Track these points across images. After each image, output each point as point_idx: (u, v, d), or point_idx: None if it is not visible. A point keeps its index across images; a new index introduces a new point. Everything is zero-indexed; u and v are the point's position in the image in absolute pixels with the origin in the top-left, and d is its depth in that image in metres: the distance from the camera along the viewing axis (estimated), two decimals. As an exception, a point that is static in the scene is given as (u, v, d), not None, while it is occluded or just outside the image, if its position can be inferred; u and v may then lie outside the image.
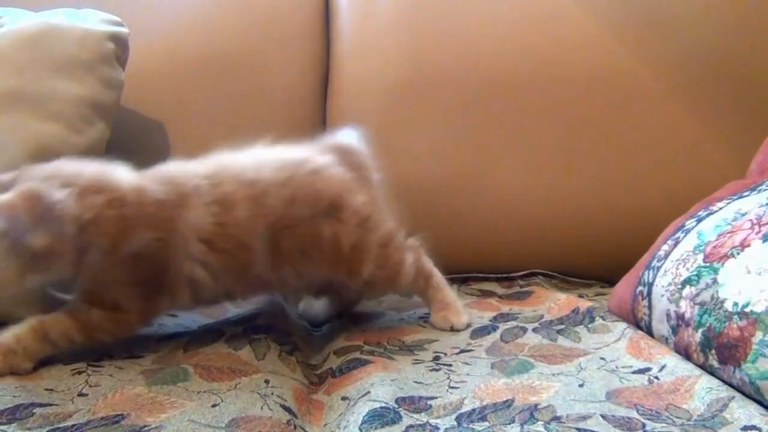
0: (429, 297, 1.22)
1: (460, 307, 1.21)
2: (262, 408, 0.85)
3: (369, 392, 0.90)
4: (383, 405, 0.86)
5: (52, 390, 0.91)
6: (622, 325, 1.12)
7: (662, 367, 0.96)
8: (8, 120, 1.20)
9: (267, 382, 0.93)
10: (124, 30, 1.37)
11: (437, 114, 1.50)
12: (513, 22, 1.54)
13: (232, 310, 1.27)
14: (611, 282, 1.30)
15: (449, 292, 1.22)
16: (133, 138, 1.47)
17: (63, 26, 1.30)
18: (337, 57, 1.60)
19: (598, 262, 1.45)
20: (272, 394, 0.89)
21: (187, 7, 1.58)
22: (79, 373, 0.96)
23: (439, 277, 1.22)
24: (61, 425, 0.81)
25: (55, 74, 1.26)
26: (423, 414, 0.86)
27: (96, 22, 1.34)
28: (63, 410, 0.84)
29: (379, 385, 0.92)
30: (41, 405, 0.86)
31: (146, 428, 0.79)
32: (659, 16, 1.53)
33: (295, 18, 1.60)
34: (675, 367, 0.95)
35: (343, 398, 0.92)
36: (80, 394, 0.89)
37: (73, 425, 0.81)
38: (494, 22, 1.55)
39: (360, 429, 0.81)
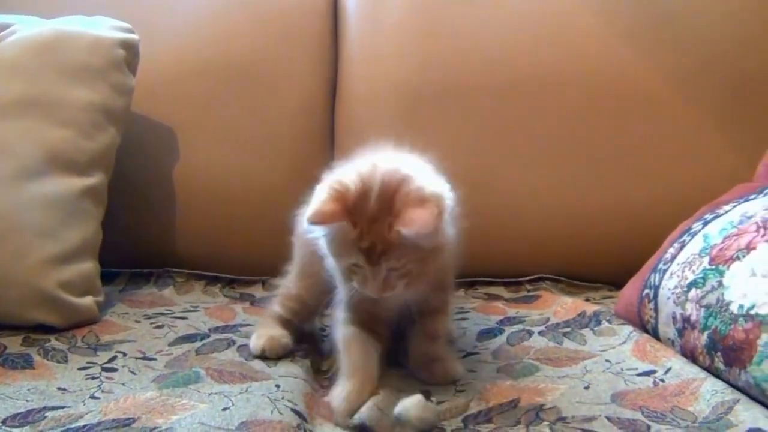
0: None
1: None
2: (272, 412, 0.86)
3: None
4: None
5: (65, 390, 0.93)
6: (628, 328, 1.12)
7: (667, 370, 0.97)
8: (21, 125, 1.22)
9: (278, 386, 0.94)
10: (134, 37, 1.38)
11: (445, 119, 1.51)
12: (522, 26, 1.55)
13: (241, 314, 1.29)
14: (618, 285, 1.30)
15: None
16: (143, 143, 1.49)
17: (74, 33, 1.31)
18: (346, 63, 1.60)
19: (605, 266, 1.45)
20: (282, 398, 0.90)
21: (196, 15, 1.59)
22: (93, 378, 0.97)
23: None
24: (72, 426, 0.82)
25: (67, 81, 1.28)
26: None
27: (107, 29, 1.36)
28: (74, 412, 0.86)
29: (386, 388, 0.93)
30: (53, 408, 0.87)
31: (156, 430, 0.80)
32: (668, 19, 1.53)
33: (304, 24, 1.61)
34: (680, 369, 0.96)
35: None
36: (92, 397, 0.91)
37: (84, 426, 0.82)
38: (503, 26, 1.55)
39: None
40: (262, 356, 1.05)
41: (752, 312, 0.90)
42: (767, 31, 1.51)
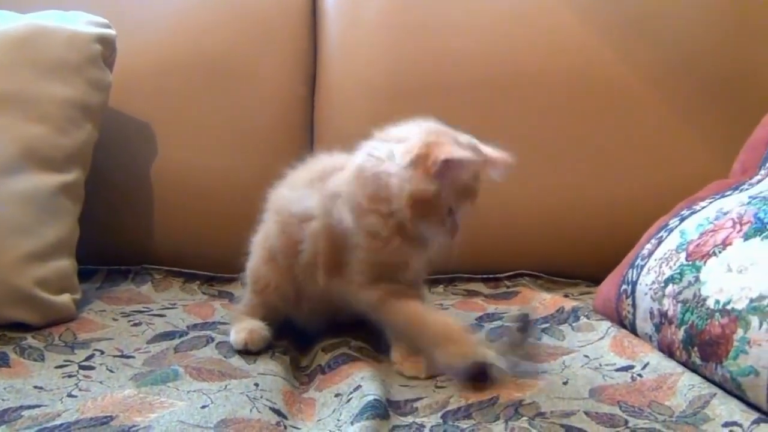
0: None
1: None
2: (251, 411, 0.86)
3: (360, 386, 0.91)
4: (376, 398, 0.87)
5: (41, 388, 0.92)
6: (606, 323, 1.13)
7: (645, 365, 0.97)
8: (-5, 121, 1.21)
9: (257, 384, 0.93)
10: (111, 32, 1.37)
11: (424, 114, 1.49)
12: (499, 24, 1.55)
13: (219, 311, 1.28)
14: (597, 281, 1.31)
15: None
16: (120, 140, 1.48)
17: (50, 28, 1.30)
18: (325, 59, 1.60)
19: (583, 262, 1.46)
20: (261, 397, 0.90)
21: (174, 10, 1.59)
22: (70, 376, 0.97)
23: None
24: (49, 425, 0.81)
25: (43, 76, 1.26)
26: (409, 416, 0.87)
27: (83, 24, 1.34)
28: (51, 410, 0.85)
29: (369, 380, 0.93)
30: (30, 407, 0.86)
31: (135, 428, 0.80)
32: (644, 17, 1.54)
33: (283, 20, 1.61)
34: (658, 364, 0.97)
35: (336, 395, 0.93)
36: (69, 395, 0.90)
37: (62, 424, 0.81)
38: (481, 24, 1.55)
39: (353, 422, 0.82)
40: (245, 350, 1.05)
41: (728, 307, 0.91)
42: (743, 32, 1.53)
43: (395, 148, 0.99)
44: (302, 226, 1.05)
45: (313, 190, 1.06)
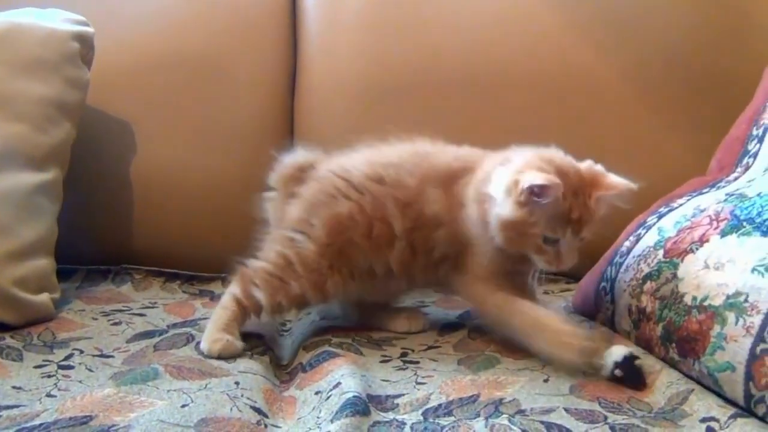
0: None
1: None
2: (231, 409, 0.85)
3: (340, 383, 0.91)
4: (355, 394, 0.87)
5: (20, 389, 0.91)
6: (586, 321, 1.14)
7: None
8: (-28, 120, 1.20)
9: (237, 383, 0.93)
10: (89, 30, 1.36)
11: (404, 114, 1.51)
12: (479, 24, 1.55)
13: (200, 310, 1.28)
14: (576, 278, 1.32)
15: None
16: (99, 138, 1.47)
17: (27, 26, 1.29)
18: (305, 58, 1.60)
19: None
20: (242, 395, 0.90)
21: (153, 7, 1.58)
22: (49, 376, 0.96)
23: None
24: (28, 425, 0.81)
25: (20, 74, 1.25)
26: (390, 413, 0.87)
27: (60, 21, 1.33)
28: (30, 410, 0.85)
29: (349, 376, 0.93)
30: (8, 407, 0.86)
31: (114, 428, 0.80)
32: (621, 16, 1.55)
33: (263, 18, 1.60)
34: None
35: (316, 392, 0.93)
36: (48, 395, 0.90)
37: (41, 424, 0.81)
38: (460, 23, 1.56)
39: (333, 419, 0.82)
40: (218, 358, 1.03)
41: (705, 303, 0.92)
42: (721, 33, 1.54)
43: (500, 176, 1.03)
44: (435, 227, 1.09)
45: (440, 192, 1.10)
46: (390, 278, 1.12)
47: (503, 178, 1.01)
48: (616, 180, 1.03)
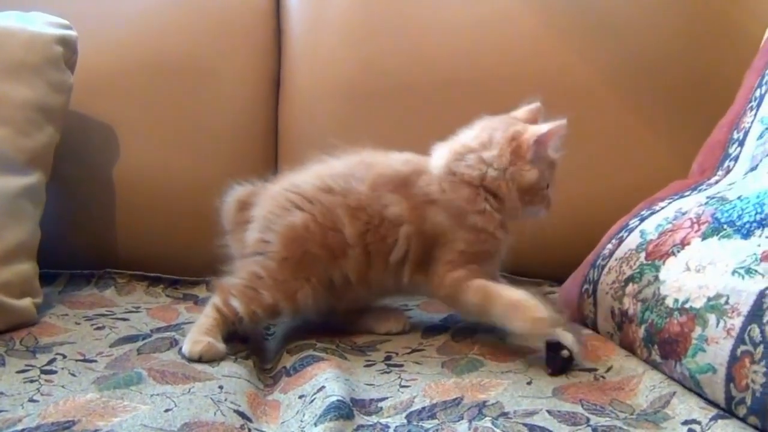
0: None
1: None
2: (215, 414, 0.85)
3: (324, 387, 0.91)
4: (339, 398, 0.87)
5: (2, 394, 0.91)
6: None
7: (609, 369, 0.99)
8: (-46, 125, 1.19)
9: (221, 387, 0.93)
10: (72, 33, 1.36)
11: (389, 117, 1.51)
12: (462, 27, 1.56)
13: (183, 314, 1.27)
14: (560, 281, 1.32)
15: None
16: (82, 142, 1.46)
17: (9, 29, 1.28)
18: (289, 60, 1.60)
19: (546, 262, 1.46)
20: (225, 400, 0.89)
21: (136, 10, 1.57)
22: (31, 381, 0.95)
23: None
24: (10, 430, 0.80)
25: (2, 78, 1.25)
26: (374, 416, 0.87)
27: (43, 25, 1.33)
28: (12, 416, 0.84)
29: (333, 380, 0.93)
30: (-11, 412, 0.85)
31: (97, 433, 0.79)
32: (604, 20, 1.56)
33: (246, 21, 1.60)
34: (620, 368, 0.99)
35: (300, 396, 0.93)
36: (31, 400, 0.89)
37: (23, 429, 0.80)
38: (444, 24, 1.56)
39: (316, 423, 0.82)
40: (199, 361, 1.03)
41: (687, 306, 0.93)
42: (701, 37, 1.55)
43: (485, 155, 1.11)
44: (394, 229, 1.10)
45: (398, 196, 1.11)
46: (349, 287, 1.13)
47: (501, 155, 1.10)
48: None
